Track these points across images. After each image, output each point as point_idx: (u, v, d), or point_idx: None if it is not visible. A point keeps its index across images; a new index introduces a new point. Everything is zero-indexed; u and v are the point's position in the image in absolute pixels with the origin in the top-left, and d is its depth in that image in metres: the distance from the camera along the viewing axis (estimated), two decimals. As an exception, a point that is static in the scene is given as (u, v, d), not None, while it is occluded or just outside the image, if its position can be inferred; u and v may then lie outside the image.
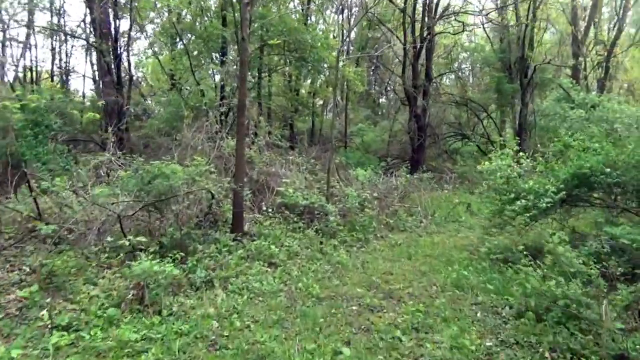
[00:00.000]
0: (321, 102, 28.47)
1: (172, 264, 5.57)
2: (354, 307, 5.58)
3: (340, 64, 17.67)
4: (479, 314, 5.44)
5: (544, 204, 7.07)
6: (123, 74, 17.96)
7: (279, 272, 6.55)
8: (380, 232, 9.80)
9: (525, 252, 7.67)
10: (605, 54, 25.03)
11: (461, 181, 16.31)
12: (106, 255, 6.10)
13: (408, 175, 12.76)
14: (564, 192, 7.19)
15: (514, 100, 19.62)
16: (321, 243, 8.17)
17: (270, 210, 8.84)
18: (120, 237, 6.60)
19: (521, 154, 9.06)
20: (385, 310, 5.52)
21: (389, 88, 19.72)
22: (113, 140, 10.96)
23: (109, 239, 5.59)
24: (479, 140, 20.51)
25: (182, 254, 6.14)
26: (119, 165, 9.80)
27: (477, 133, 21.37)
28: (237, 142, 7.52)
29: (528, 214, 7.26)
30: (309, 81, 25.15)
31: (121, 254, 6.14)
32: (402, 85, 17.47)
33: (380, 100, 40.64)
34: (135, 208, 6.87)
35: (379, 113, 38.24)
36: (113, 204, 6.56)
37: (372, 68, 33.07)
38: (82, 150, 14.53)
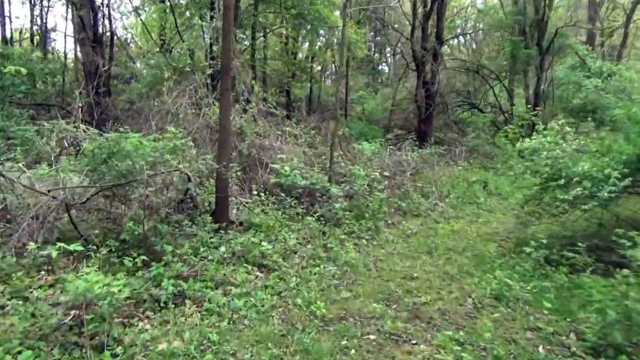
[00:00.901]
0: (319, 67, 26.57)
1: (125, 278, 4.04)
2: (371, 337, 4.10)
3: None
4: (540, 349, 3.98)
5: (606, 194, 5.53)
6: (106, 32, 16.05)
7: (273, 279, 5.02)
8: (391, 217, 8.30)
9: (579, 249, 6.27)
10: (625, 18, 23.16)
11: (474, 156, 14.74)
12: (42, 258, 4.52)
13: (420, 150, 11.18)
14: (629, 179, 5.64)
15: (528, 68, 17.83)
16: (324, 235, 6.65)
17: (262, 193, 7.26)
18: (70, 231, 5.10)
19: (568, 129, 7.44)
20: (413, 341, 4.05)
21: (396, 51, 17.84)
22: (80, 105, 9.29)
23: (31, 245, 4.02)
24: (490, 110, 18.86)
25: (144, 257, 4.61)
26: (88, 136, 8.16)
27: (488, 102, 19.68)
28: (220, 110, 5.90)
29: (584, 205, 5.70)
30: (306, 44, 23.20)
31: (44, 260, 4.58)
32: (411, 48, 15.66)
33: (380, 67, 38.61)
34: (89, 194, 5.30)
35: (380, 80, 36.31)
36: (50, 190, 4.97)
37: (374, 32, 30.97)
38: (56, 117, 12.80)
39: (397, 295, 5.00)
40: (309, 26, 16.90)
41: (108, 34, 16.01)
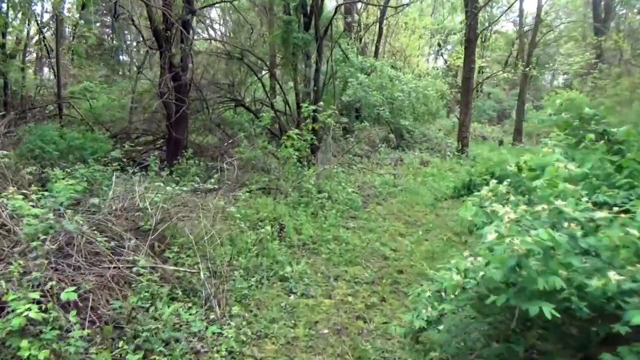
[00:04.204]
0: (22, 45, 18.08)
1: None
2: None
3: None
4: None
5: None
6: None
7: None
8: None
9: None
10: (379, 14, 21.83)
11: (251, 174, 9.95)
12: None
13: (170, 187, 5.69)
14: None
15: (299, 55, 13.95)
16: None
17: None
18: None
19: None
20: None
21: (128, 17, 11.61)
22: None
23: None
24: (260, 109, 14.49)
25: None
26: None
27: (257, 99, 15.28)
28: None
29: None
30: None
31: None
32: (148, 15, 9.90)
33: (121, 57, 31.01)
34: None
35: (122, 73, 28.88)
36: None
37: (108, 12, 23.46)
38: None
39: None
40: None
41: None
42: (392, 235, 7.61)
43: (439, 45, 27.79)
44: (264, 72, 15.49)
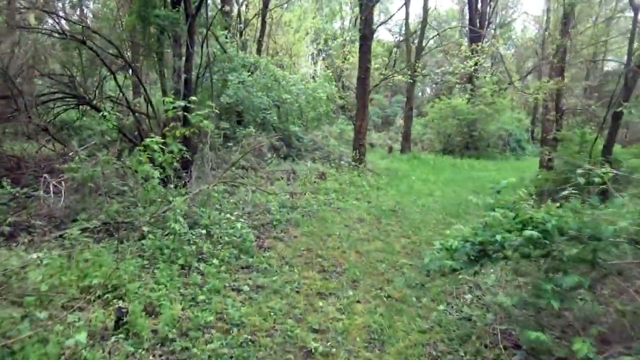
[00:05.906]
0: None
1: None
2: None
3: None
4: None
5: None
6: None
7: None
8: None
9: None
10: (262, 6, 19.06)
11: (91, 201, 6.46)
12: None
13: None
14: None
15: (166, 40, 10.55)
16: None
17: None
18: None
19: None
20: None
21: None
22: None
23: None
24: (113, 108, 10.78)
25: None
26: None
27: (108, 96, 11.53)
28: None
29: None
30: None
31: None
32: None
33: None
34: None
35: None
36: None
37: None
38: None
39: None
40: None
41: None
42: (309, 298, 4.89)
43: (325, 43, 25.93)
44: (120, 62, 11.77)
